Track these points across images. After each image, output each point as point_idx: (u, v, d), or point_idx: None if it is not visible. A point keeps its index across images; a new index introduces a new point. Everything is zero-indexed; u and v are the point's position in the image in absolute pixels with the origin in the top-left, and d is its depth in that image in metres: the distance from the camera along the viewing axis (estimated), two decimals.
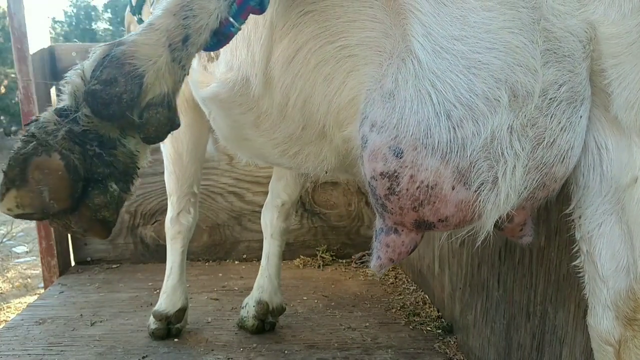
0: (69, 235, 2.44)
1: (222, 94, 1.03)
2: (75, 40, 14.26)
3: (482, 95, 0.68)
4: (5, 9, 5.50)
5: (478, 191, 0.71)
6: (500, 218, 0.76)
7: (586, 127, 0.75)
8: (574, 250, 0.83)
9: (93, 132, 0.49)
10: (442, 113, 0.68)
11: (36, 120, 0.50)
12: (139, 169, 0.50)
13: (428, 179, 0.70)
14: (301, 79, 0.85)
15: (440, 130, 0.68)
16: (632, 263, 0.74)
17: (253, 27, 0.87)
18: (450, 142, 0.69)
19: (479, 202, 0.71)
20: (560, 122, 0.71)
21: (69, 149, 0.47)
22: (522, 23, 0.68)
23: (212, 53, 1.04)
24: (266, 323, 1.74)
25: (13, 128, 12.47)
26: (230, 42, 0.89)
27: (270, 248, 1.83)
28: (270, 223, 1.83)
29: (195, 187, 1.66)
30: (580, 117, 0.73)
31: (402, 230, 0.80)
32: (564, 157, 0.73)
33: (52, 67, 2.34)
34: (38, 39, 2.24)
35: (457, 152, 0.69)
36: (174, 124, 0.50)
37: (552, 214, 1.07)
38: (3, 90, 11.44)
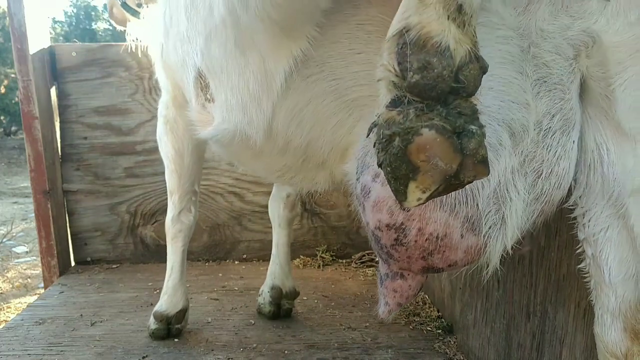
0: (69, 235, 2.45)
1: (220, 139, 1.08)
2: (75, 40, 14.25)
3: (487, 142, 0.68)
4: (5, 9, 5.50)
5: (487, 234, 0.71)
6: None
7: (581, 139, 0.76)
8: (577, 250, 0.82)
9: (430, 101, 0.51)
10: None
11: (375, 125, 0.53)
12: (476, 105, 0.52)
13: (437, 231, 0.71)
14: (307, 126, 0.90)
15: None
16: (639, 272, 0.73)
17: (249, 99, 0.93)
18: (459, 193, 0.69)
19: (489, 245, 0.72)
20: (556, 152, 0.72)
21: (428, 119, 0.49)
22: (511, 55, 0.69)
23: (208, 95, 1.09)
24: (282, 310, 1.83)
25: (13, 128, 12.46)
26: (224, 98, 0.98)
27: (279, 237, 1.91)
28: (278, 214, 1.91)
29: (196, 185, 1.67)
30: (573, 142, 0.74)
31: (409, 275, 0.81)
32: (561, 184, 0.74)
33: (52, 67, 2.34)
34: (38, 39, 2.24)
35: (466, 202, 0.70)
36: (485, 70, 0.52)
37: (552, 215, 1.06)
38: (3, 90, 11.43)
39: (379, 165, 0.52)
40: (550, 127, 0.71)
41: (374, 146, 0.52)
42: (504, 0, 0.68)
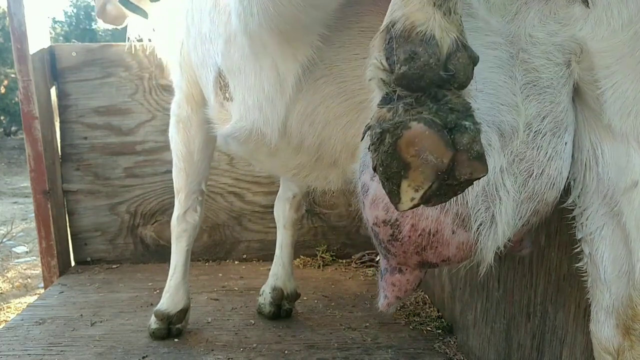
0: (69, 235, 2.45)
1: (238, 136, 1.11)
2: (75, 40, 14.24)
3: None
4: (5, 9, 5.50)
5: (478, 232, 0.73)
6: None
7: (573, 147, 0.77)
8: (576, 250, 0.82)
9: (421, 96, 0.51)
10: None
11: (368, 128, 0.52)
12: (469, 102, 0.51)
13: (429, 227, 0.73)
14: (319, 126, 0.94)
15: None
16: (631, 269, 0.73)
17: (265, 99, 0.97)
18: None
19: (480, 241, 0.74)
20: (547, 153, 0.74)
21: (417, 113, 0.49)
22: (500, 60, 0.70)
23: (227, 94, 1.13)
24: (282, 310, 1.83)
25: (13, 128, 12.45)
26: (242, 97, 1.03)
27: (283, 238, 1.92)
28: (283, 214, 1.91)
29: (203, 184, 1.68)
30: (565, 143, 0.75)
31: (407, 270, 0.84)
32: (554, 184, 0.76)
33: (52, 67, 2.34)
34: (38, 39, 2.24)
35: (455, 199, 0.71)
36: (475, 60, 0.50)
37: (553, 214, 1.06)
38: (3, 90, 11.42)
39: (374, 169, 0.52)
40: (540, 129, 0.73)
41: (369, 149, 0.53)
42: (489, 8, 0.69)
